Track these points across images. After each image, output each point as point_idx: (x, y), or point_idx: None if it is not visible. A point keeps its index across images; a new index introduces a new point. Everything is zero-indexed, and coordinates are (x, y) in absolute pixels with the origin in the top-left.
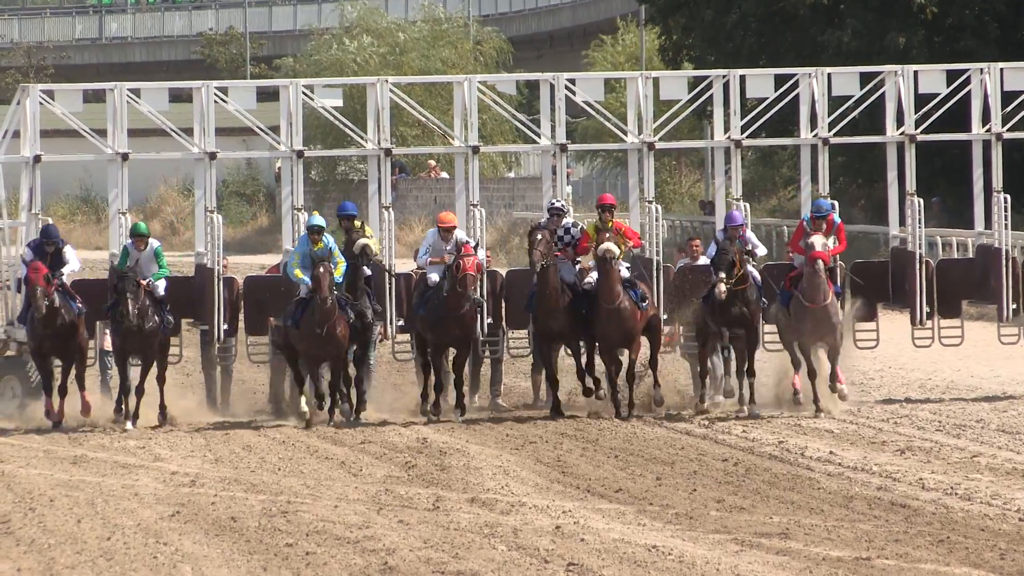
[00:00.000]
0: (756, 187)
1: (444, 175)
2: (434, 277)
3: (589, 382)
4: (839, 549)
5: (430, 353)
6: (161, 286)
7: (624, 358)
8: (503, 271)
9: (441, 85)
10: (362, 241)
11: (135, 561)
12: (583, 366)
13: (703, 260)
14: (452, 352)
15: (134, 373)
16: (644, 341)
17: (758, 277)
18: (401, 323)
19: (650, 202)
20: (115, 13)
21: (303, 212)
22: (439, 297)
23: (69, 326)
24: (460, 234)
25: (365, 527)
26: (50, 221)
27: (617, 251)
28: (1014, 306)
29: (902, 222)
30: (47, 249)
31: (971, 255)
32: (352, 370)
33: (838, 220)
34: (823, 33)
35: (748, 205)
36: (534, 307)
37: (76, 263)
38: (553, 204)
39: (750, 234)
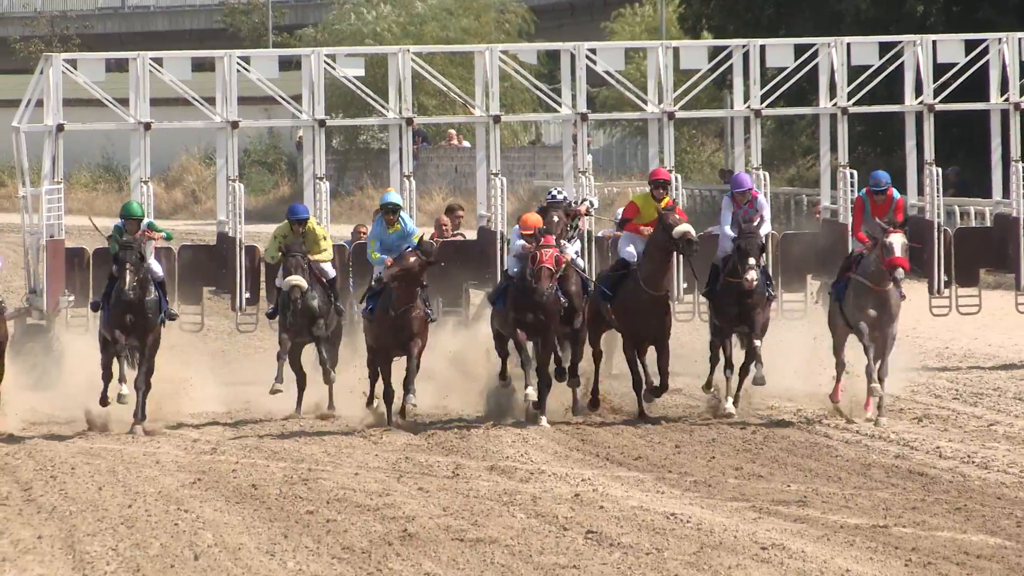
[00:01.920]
0: (775, 156)
1: (466, 144)
2: (516, 270)
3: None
4: (857, 517)
5: (517, 347)
6: (157, 267)
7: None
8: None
9: (462, 54)
10: (292, 280)
11: (156, 528)
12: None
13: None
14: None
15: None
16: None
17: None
18: None
19: (670, 171)
20: None
21: (324, 181)
22: (519, 288)
23: None
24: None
25: (385, 495)
26: None
27: (694, 233)
28: None
29: (920, 191)
30: None
31: (989, 224)
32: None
33: (897, 195)
34: (841, 2)
35: (767, 174)
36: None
37: None
38: (554, 196)
39: (762, 199)
